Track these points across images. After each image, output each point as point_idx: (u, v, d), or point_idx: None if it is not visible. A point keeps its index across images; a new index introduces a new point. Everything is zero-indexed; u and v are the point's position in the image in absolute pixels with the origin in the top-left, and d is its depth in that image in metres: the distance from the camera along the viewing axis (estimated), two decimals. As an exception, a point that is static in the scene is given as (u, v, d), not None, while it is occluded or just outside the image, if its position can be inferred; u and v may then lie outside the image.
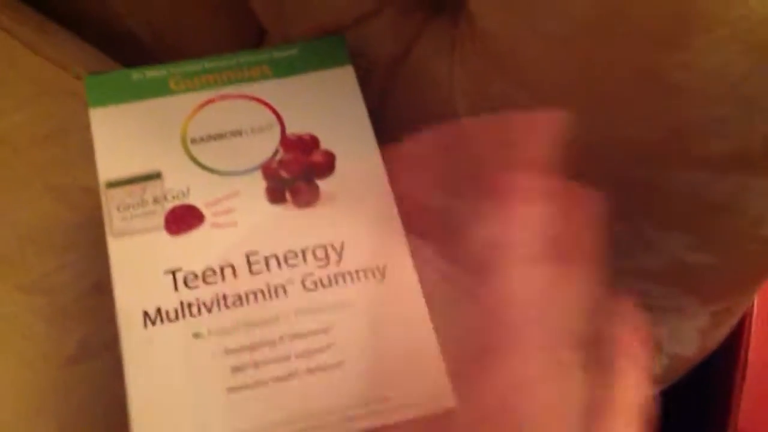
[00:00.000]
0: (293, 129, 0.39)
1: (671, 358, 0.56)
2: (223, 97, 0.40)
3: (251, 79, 0.40)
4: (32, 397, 0.44)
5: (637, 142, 0.36)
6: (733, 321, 0.52)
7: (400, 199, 0.37)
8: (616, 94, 0.35)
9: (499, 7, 0.35)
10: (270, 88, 0.40)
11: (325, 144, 0.39)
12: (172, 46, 0.57)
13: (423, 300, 0.36)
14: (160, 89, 0.40)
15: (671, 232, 0.41)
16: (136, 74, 0.40)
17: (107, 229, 0.37)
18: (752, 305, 0.58)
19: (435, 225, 0.37)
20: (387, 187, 0.38)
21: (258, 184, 0.37)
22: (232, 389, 0.33)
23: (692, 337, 0.52)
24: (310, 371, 0.34)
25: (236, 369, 0.34)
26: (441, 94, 0.42)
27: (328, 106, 0.40)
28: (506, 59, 0.37)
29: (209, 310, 0.35)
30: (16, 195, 0.49)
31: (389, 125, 0.45)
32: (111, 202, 0.37)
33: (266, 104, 0.39)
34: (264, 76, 0.40)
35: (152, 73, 0.40)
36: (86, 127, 0.51)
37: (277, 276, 0.35)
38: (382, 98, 0.44)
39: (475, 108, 0.40)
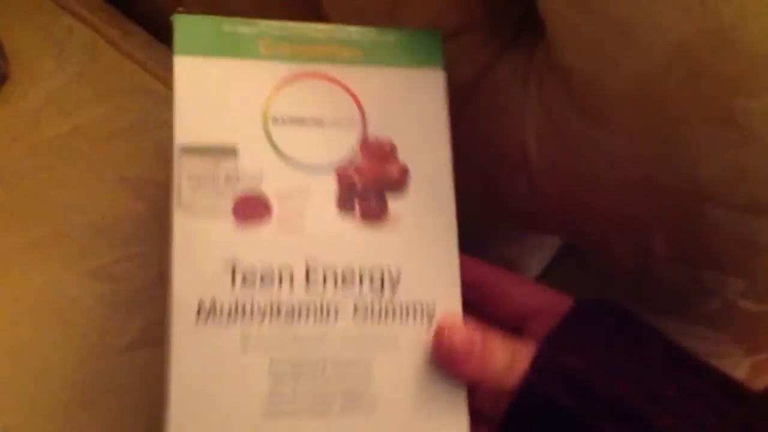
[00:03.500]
0: (374, 128, 0.38)
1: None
2: (311, 76, 0.39)
3: (342, 61, 0.39)
4: (92, 379, 0.45)
5: (703, 182, 0.37)
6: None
7: None
8: (690, 137, 0.36)
9: (581, 41, 0.36)
10: (359, 76, 0.39)
11: (402, 154, 0.38)
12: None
13: None
14: (249, 50, 0.38)
15: (727, 277, 0.41)
16: (227, 25, 0.38)
17: (174, 197, 0.35)
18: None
19: None
20: (452, 215, 0.38)
21: (330, 187, 0.37)
22: (267, 414, 0.34)
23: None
24: (344, 411, 0.35)
25: (275, 393, 0.34)
26: (511, 122, 0.43)
27: (413, 111, 0.39)
28: (584, 95, 0.38)
29: (262, 316, 0.35)
30: (91, 185, 0.51)
31: (459, 148, 0.46)
32: (183, 169, 0.35)
33: (353, 95, 0.39)
34: (355, 60, 0.39)
35: (244, 28, 0.38)
36: (161, 125, 0.53)
37: (331, 295, 0.36)
38: (453, 120, 0.45)
39: (545, 140, 0.42)
